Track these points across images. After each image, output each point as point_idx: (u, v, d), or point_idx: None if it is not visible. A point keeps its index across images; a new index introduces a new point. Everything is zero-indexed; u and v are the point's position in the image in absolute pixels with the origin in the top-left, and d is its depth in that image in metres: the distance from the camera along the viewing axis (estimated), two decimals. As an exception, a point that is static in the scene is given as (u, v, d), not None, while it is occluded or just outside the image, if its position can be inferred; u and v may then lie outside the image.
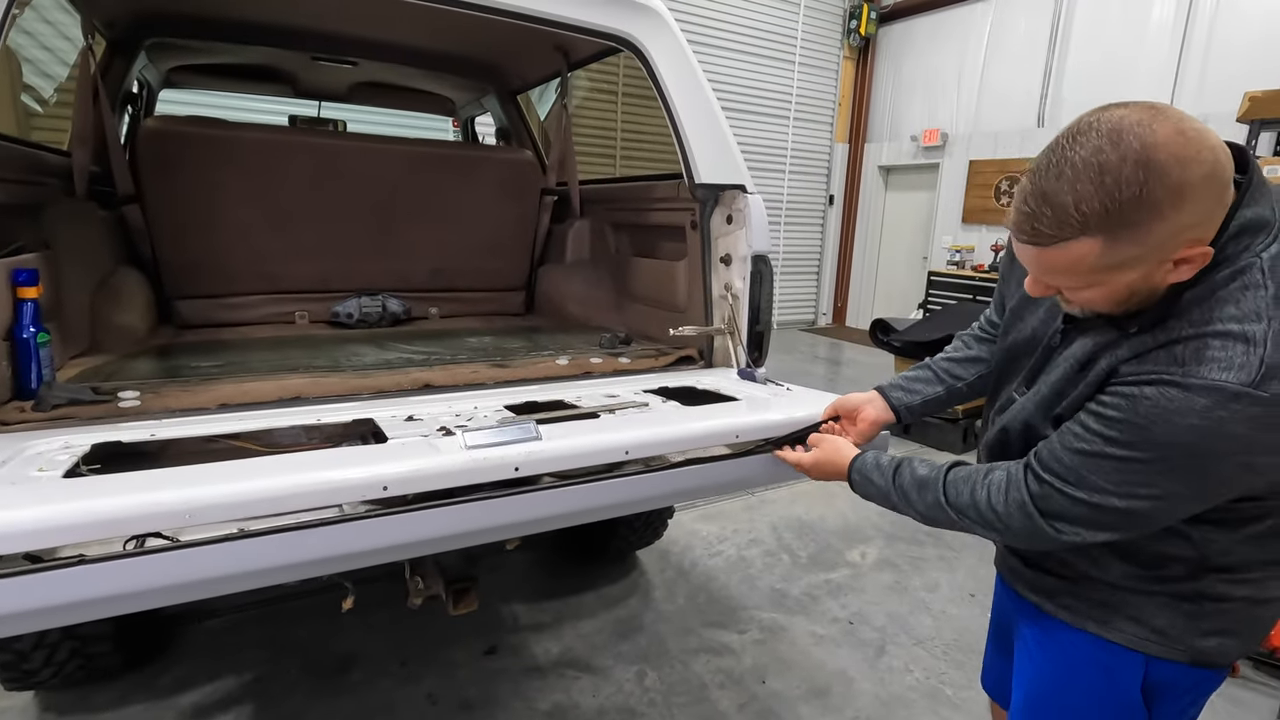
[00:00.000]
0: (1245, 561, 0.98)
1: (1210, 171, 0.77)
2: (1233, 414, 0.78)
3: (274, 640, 2.53)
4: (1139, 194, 0.75)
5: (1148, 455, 0.84)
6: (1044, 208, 0.81)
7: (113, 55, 2.58)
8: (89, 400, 1.51)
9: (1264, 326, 0.78)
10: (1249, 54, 6.06)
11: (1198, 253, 0.80)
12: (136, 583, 1.01)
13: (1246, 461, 0.82)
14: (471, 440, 1.27)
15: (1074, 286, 0.89)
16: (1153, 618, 1.02)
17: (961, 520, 1.07)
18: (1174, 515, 0.92)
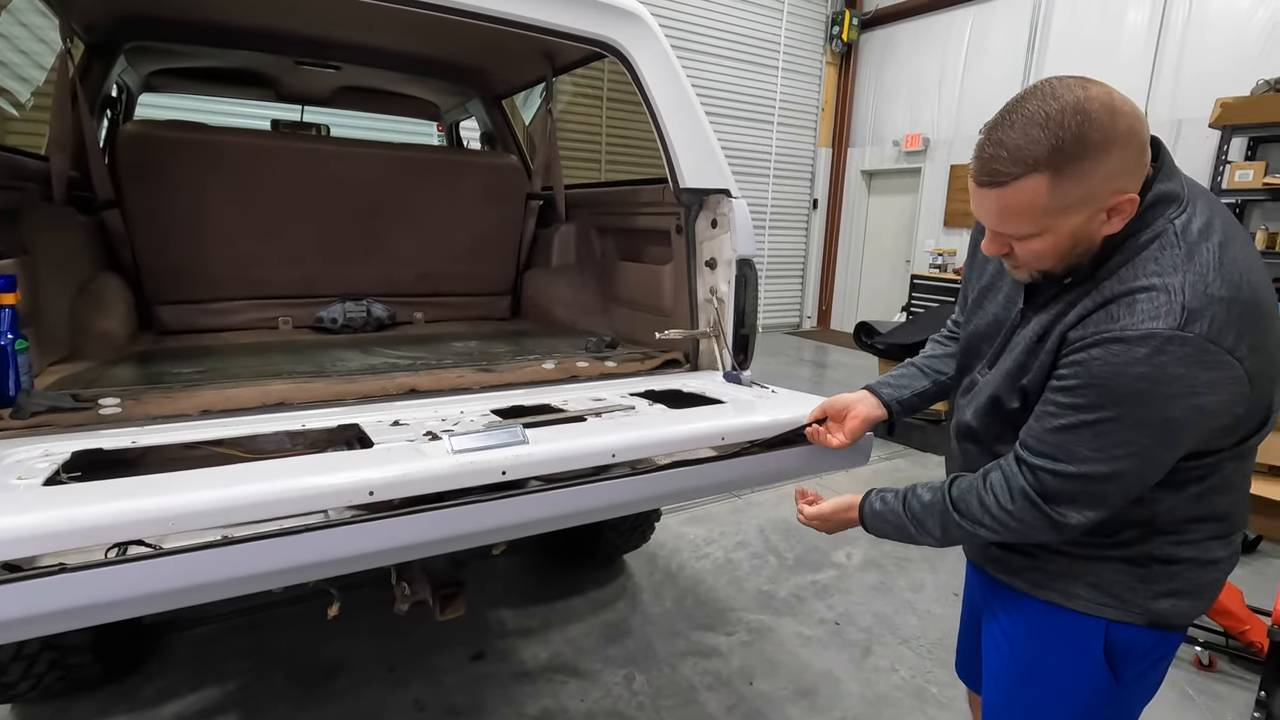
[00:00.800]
0: (1188, 519, 1.06)
1: (1131, 127, 0.90)
2: (1170, 356, 0.89)
3: (259, 649, 2.51)
4: (1078, 133, 0.88)
5: (1114, 412, 0.94)
6: (1000, 150, 0.92)
7: (91, 59, 2.54)
8: (69, 407, 1.49)
9: (1180, 279, 0.91)
10: (1219, 63, 6.19)
11: (1126, 199, 0.92)
12: (119, 591, 1.01)
13: (1195, 403, 0.91)
14: (458, 444, 1.27)
15: (1026, 234, 0.97)
16: (1110, 584, 1.10)
17: (978, 530, 1.11)
18: (1154, 470, 0.98)
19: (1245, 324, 0.90)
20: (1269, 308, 0.95)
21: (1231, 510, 1.09)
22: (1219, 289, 0.90)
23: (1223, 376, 0.90)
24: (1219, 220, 0.98)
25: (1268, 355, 0.94)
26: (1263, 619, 2.49)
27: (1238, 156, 5.81)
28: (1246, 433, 1.01)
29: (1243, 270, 0.93)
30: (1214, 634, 2.64)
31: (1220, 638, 2.62)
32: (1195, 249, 0.93)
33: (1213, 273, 0.91)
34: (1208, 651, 2.55)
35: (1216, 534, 1.09)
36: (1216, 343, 0.88)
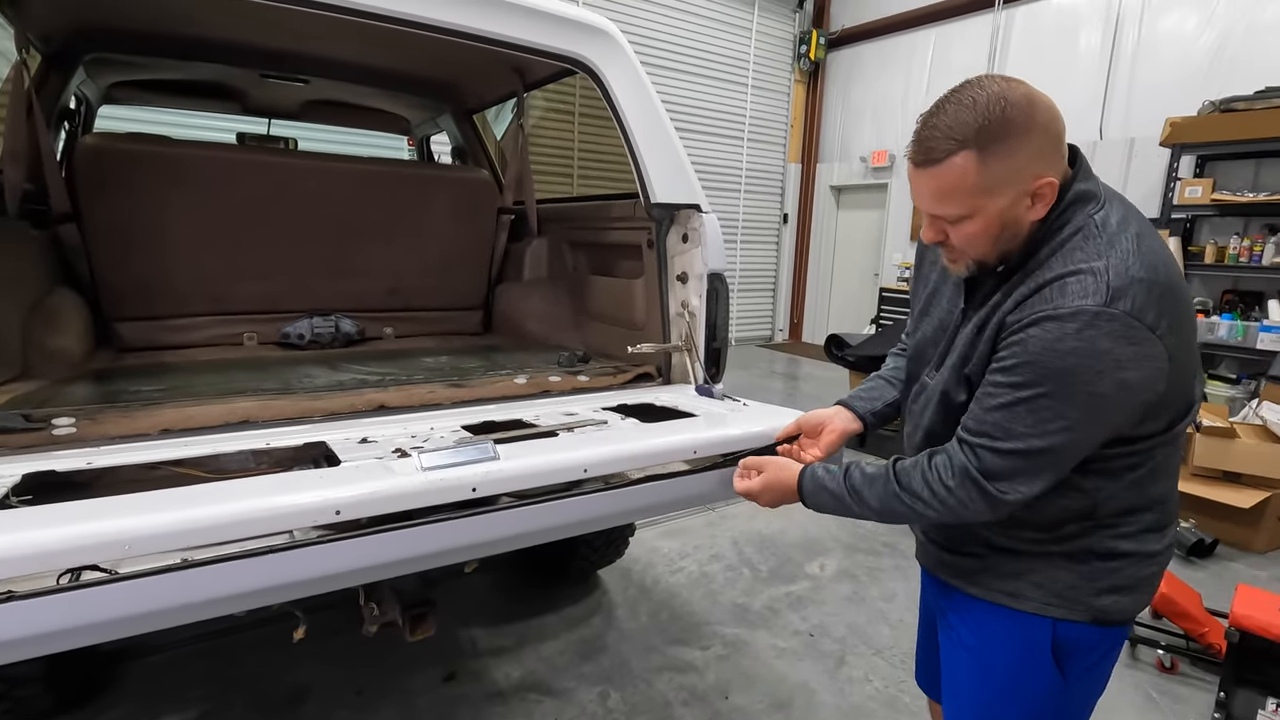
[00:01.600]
0: (1126, 509, 1.12)
1: (1049, 117, 1.02)
2: (1098, 330, 0.96)
3: (219, 675, 2.43)
4: (1002, 116, 0.98)
5: (1048, 388, 1.00)
6: (934, 131, 1.03)
7: (49, 70, 2.48)
8: (19, 428, 1.44)
9: (1104, 263, 0.99)
10: (1169, 83, 6.45)
11: (1046, 183, 1.02)
12: (72, 618, 0.97)
13: (1121, 377, 0.97)
14: (427, 461, 1.25)
15: (959, 214, 1.05)
16: (1054, 583, 1.15)
17: (915, 505, 1.14)
18: (1084, 446, 1.04)
19: (1164, 304, 0.98)
20: (1184, 294, 1.04)
21: (1165, 499, 1.15)
22: (1139, 271, 0.98)
23: (1145, 353, 0.97)
24: (1133, 216, 1.07)
25: (1185, 340, 1.02)
26: (1220, 621, 2.56)
27: (1187, 173, 6.03)
28: (1172, 418, 1.08)
29: (1159, 258, 1.02)
30: (1175, 637, 2.71)
31: (1181, 640, 2.69)
32: (1115, 238, 1.02)
33: (1132, 257, 0.99)
34: (1169, 654, 2.62)
35: (1152, 526, 1.14)
36: (1139, 319, 0.96)
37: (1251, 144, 5.44)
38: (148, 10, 2.30)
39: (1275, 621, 2.22)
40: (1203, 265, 5.89)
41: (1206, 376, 5.84)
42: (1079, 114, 7.11)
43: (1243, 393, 5.60)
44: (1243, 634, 2.26)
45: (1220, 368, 5.96)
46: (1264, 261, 5.55)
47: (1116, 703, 2.44)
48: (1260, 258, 5.57)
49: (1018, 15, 7.68)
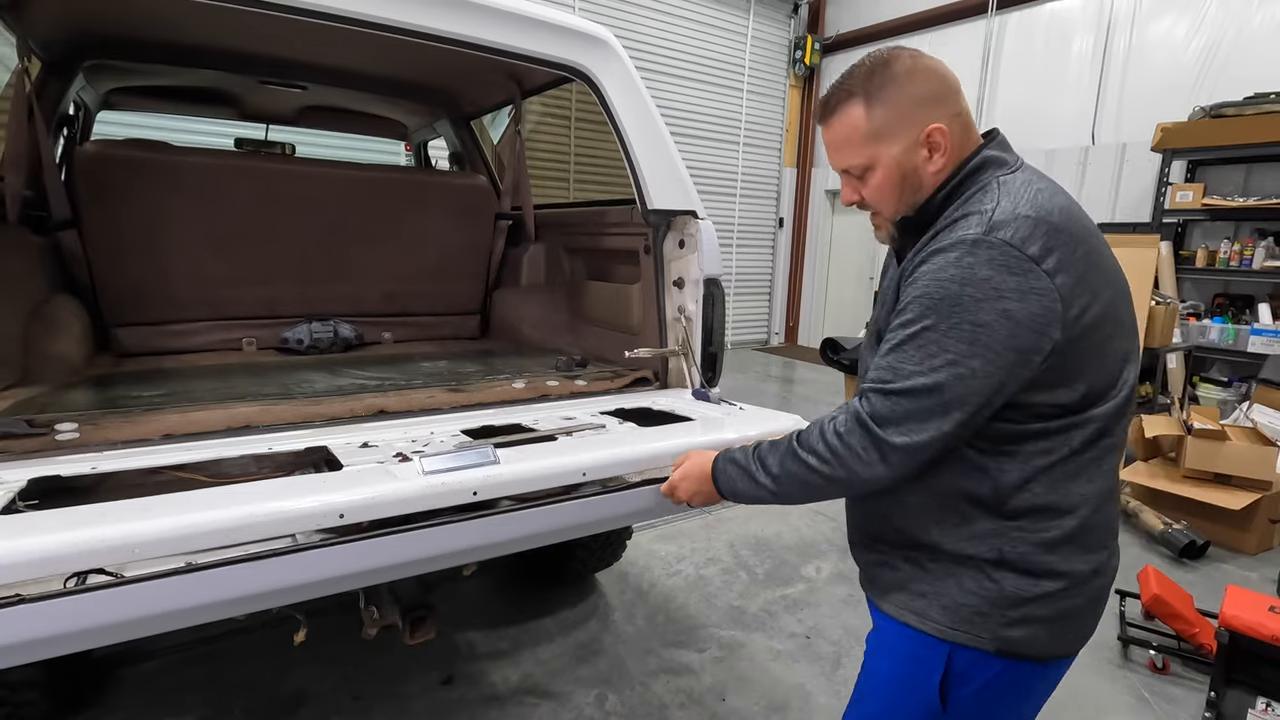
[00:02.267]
0: (1040, 507, 1.03)
1: (935, 69, 1.08)
2: (977, 258, 0.96)
3: (216, 680, 2.43)
4: (884, 66, 1.07)
5: (931, 320, 0.99)
6: (829, 91, 1.12)
7: (48, 76, 2.50)
8: (23, 433, 1.45)
9: (993, 205, 1.01)
10: (1160, 89, 6.51)
11: (936, 129, 1.06)
12: (79, 622, 0.99)
13: (1002, 307, 0.95)
14: (429, 466, 1.27)
15: (860, 165, 1.11)
16: (962, 607, 1.07)
17: (810, 460, 1.10)
18: (977, 389, 0.98)
19: (1053, 240, 0.96)
20: (1089, 244, 1.01)
21: (1093, 508, 1.06)
22: (1026, 209, 0.99)
23: (1027, 285, 0.95)
24: (1050, 186, 1.06)
25: (1091, 291, 0.99)
26: (1211, 622, 2.59)
27: (1178, 178, 6.09)
28: (1087, 391, 1.01)
29: (1057, 205, 1.01)
30: (1167, 638, 2.74)
31: (1173, 641, 2.72)
32: (1015, 191, 1.02)
33: (1024, 201, 1.00)
34: (1161, 655, 2.64)
35: (1076, 537, 1.05)
36: (1019, 249, 0.95)
37: (1242, 149, 5.50)
38: (147, 18, 2.31)
39: (1264, 622, 2.25)
40: (1194, 269, 5.94)
41: (1199, 379, 5.90)
42: (1071, 119, 7.18)
43: (1234, 395, 5.65)
44: (1232, 634, 2.29)
45: (1212, 371, 6.02)
46: (1254, 265, 5.60)
47: (1109, 703, 2.46)
48: (1251, 262, 5.63)
49: (1011, 21, 7.75)
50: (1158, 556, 3.63)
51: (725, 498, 1.28)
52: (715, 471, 1.27)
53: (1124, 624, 2.87)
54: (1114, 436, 1.07)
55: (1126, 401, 1.07)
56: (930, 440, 1.01)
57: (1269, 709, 2.25)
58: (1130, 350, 1.08)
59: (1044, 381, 1.00)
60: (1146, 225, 5.93)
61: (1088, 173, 7.04)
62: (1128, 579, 3.30)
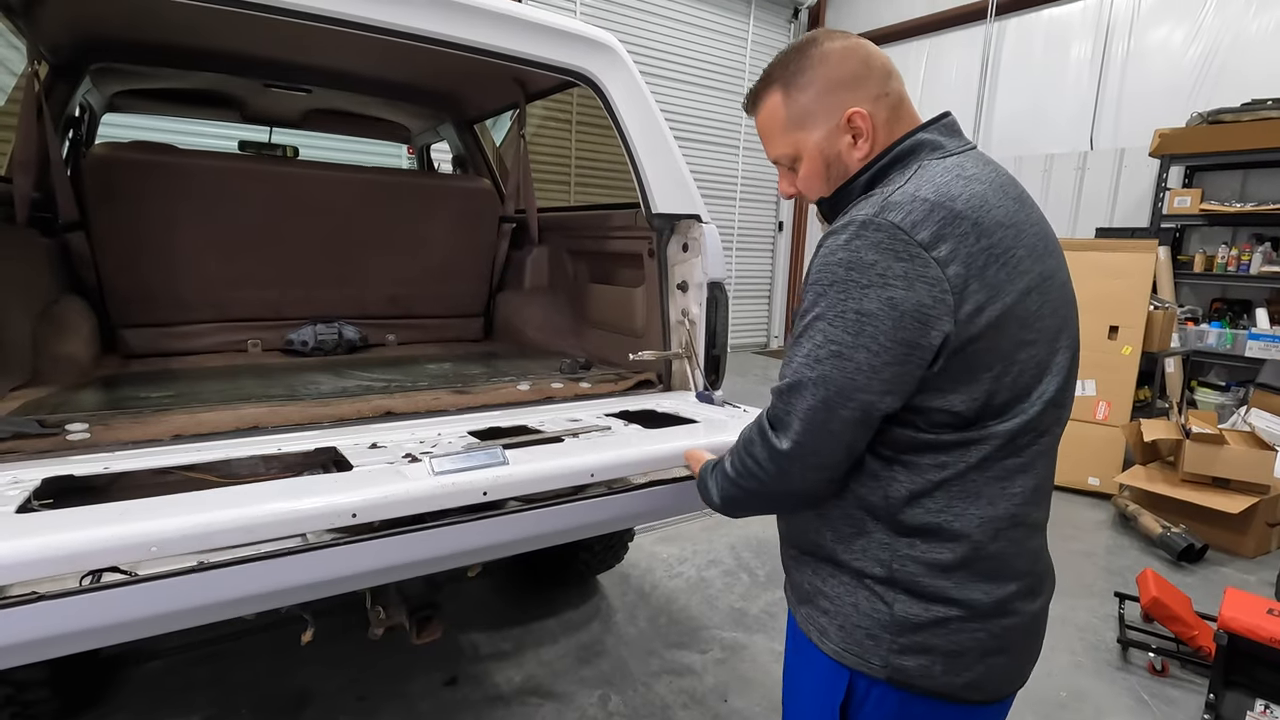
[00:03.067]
0: (933, 527, 0.96)
1: (856, 52, 1.04)
2: (864, 241, 0.90)
3: (222, 680, 2.44)
4: (800, 52, 1.06)
5: (820, 308, 0.93)
6: (754, 84, 1.11)
7: (56, 79, 2.51)
8: (35, 433, 1.46)
9: (896, 187, 0.95)
10: (1158, 95, 6.55)
11: (855, 113, 1.02)
12: (94, 619, 1.00)
13: (888, 294, 0.88)
14: (439, 466, 1.28)
15: (787, 155, 1.10)
16: (856, 628, 1.02)
17: (732, 473, 1.08)
18: (863, 386, 0.91)
19: (948, 226, 0.89)
20: (1002, 234, 0.92)
21: (984, 536, 0.96)
22: (928, 193, 0.91)
23: (915, 271, 0.87)
24: (981, 174, 0.96)
25: (988, 284, 0.90)
26: (1210, 625, 2.61)
27: (1176, 184, 6.12)
28: (987, 399, 0.93)
29: (974, 194, 0.92)
30: (1166, 640, 2.75)
31: (1172, 644, 2.73)
32: (930, 175, 0.94)
33: (929, 185, 0.92)
34: (1160, 658, 2.66)
35: (970, 563, 0.96)
36: (908, 233, 0.88)
37: (1239, 155, 5.53)
38: (155, 22, 2.33)
39: (1263, 624, 2.27)
40: (1192, 274, 5.97)
41: (1197, 383, 5.92)
42: (1070, 124, 7.21)
43: (1232, 400, 5.68)
44: (1231, 637, 2.30)
45: (1210, 375, 6.05)
46: (1252, 270, 5.63)
47: (1108, 705, 2.48)
48: (1248, 267, 5.66)
49: (1010, 26, 7.78)
50: (1156, 560, 3.65)
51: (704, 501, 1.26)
52: (699, 484, 1.24)
53: (1123, 626, 2.88)
54: (1023, 456, 0.97)
55: (1041, 418, 0.97)
56: (819, 443, 0.95)
57: (1267, 711, 2.26)
58: (1052, 362, 0.98)
59: (937, 384, 0.92)
60: (1145, 230, 5.96)
61: (1086, 177, 7.07)
62: (1127, 582, 3.32)
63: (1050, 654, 2.74)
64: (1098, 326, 4.58)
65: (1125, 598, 3.03)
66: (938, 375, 0.91)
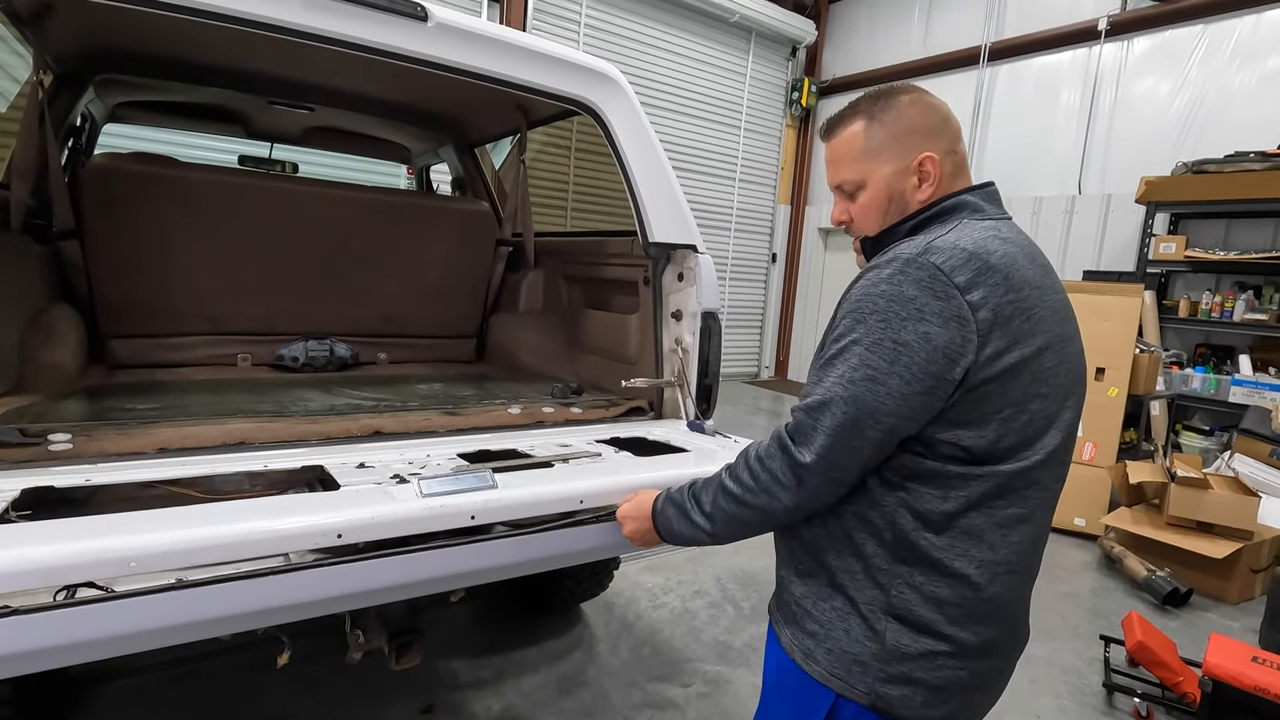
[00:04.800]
0: (933, 561, 1.00)
1: (936, 105, 1.13)
2: (907, 277, 0.97)
3: (192, 701, 2.38)
4: (889, 92, 1.14)
5: (858, 333, 0.99)
6: (838, 112, 1.19)
7: (60, 88, 2.53)
8: (16, 442, 1.44)
9: (934, 236, 1.02)
10: (1144, 143, 6.72)
11: (927, 157, 1.09)
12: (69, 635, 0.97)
13: (924, 329, 0.95)
14: (427, 488, 1.27)
15: (853, 181, 1.15)
16: (845, 653, 1.05)
17: (734, 487, 1.09)
18: (890, 411, 0.96)
19: (982, 275, 0.96)
20: (1028, 292, 1.00)
21: (985, 578, 1.01)
22: (967, 244, 0.99)
23: (949, 310, 0.94)
24: (1015, 239, 1.06)
25: (1011, 333, 0.97)
26: (1195, 670, 2.59)
27: (1161, 230, 6.25)
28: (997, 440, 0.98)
29: (1004, 250, 1.00)
30: (1151, 685, 2.74)
31: (1157, 689, 2.72)
32: (969, 231, 1.02)
33: (968, 238, 1.00)
34: (1145, 703, 2.64)
35: (966, 602, 1.01)
36: (947, 276, 0.95)
37: (1222, 204, 5.66)
38: (162, 36, 2.35)
39: (1247, 672, 2.26)
40: (1177, 319, 6.07)
41: (1182, 427, 5.98)
42: (1059, 169, 7.37)
43: (1216, 444, 5.73)
44: (1216, 683, 2.30)
45: (1194, 419, 6.10)
46: (1235, 317, 5.73)
47: (1094, 750, 2.45)
48: (1231, 314, 5.75)
49: (1001, 72, 7.99)
50: (1141, 603, 3.65)
51: (664, 539, 1.25)
52: (655, 513, 1.25)
53: (1108, 670, 2.87)
54: (1025, 508, 1.02)
55: (1042, 469, 1.02)
56: (841, 458, 0.99)
57: (1252, 760, 2.25)
58: (1059, 417, 1.04)
59: (949, 417, 0.98)
60: (1131, 274, 6.06)
61: (1074, 221, 7.21)
62: (1112, 625, 3.31)
63: (1036, 697, 2.71)
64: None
65: (1110, 641, 3.02)
66: (952, 409, 0.98)
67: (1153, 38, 6.75)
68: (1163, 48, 6.68)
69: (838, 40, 9.95)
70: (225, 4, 1.54)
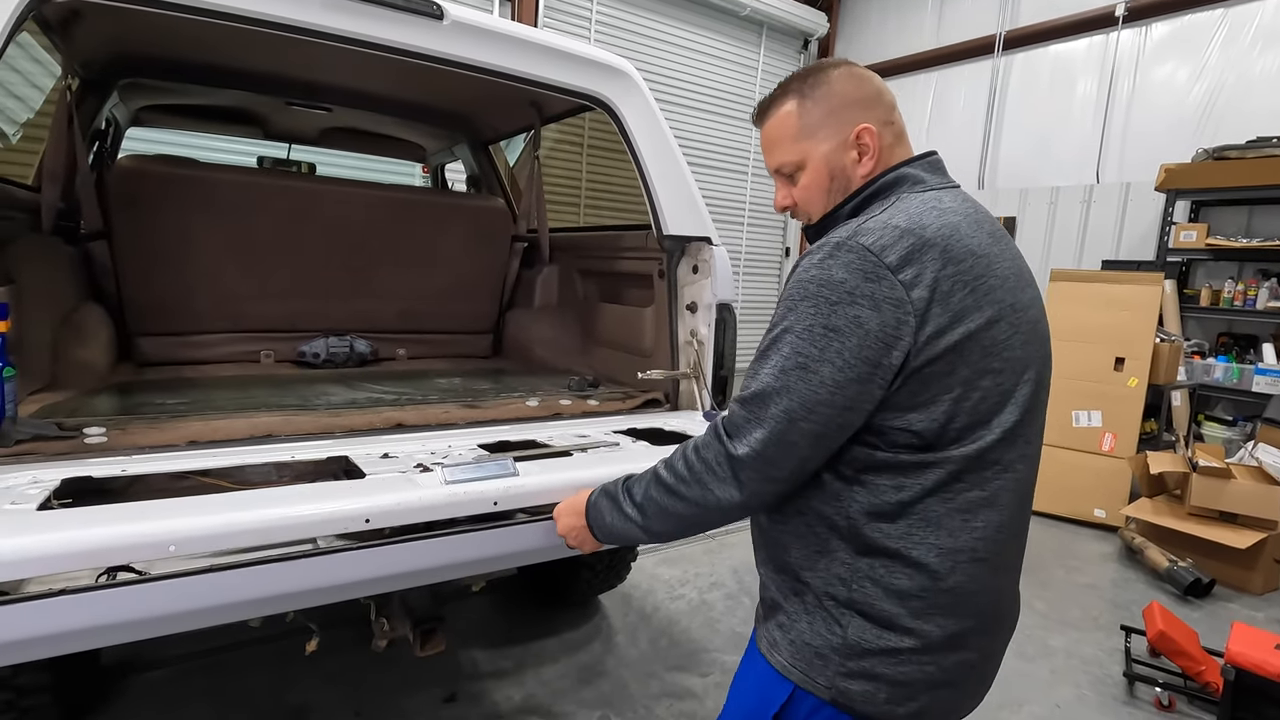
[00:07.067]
0: (893, 551, 0.97)
1: (867, 76, 1.10)
2: (837, 260, 0.94)
3: (221, 691, 2.43)
4: (817, 68, 1.11)
5: (789, 321, 0.97)
6: (769, 95, 1.16)
7: (86, 93, 2.58)
8: (54, 436, 1.49)
9: (868, 217, 0.99)
10: (1163, 131, 6.62)
11: (864, 129, 1.06)
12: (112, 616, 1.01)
13: (855, 313, 0.91)
14: (450, 476, 1.30)
15: (791, 163, 1.12)
16: (808, 645, 1.02)
17: (671, 481, 1.06)
18: (824, 402, 0.93)
19: (916, 252, 0.92)
20: (971, 263, 0.95)
21: (945, 567, 0.97)
22: (900, 220, 0.96)
23: (882, 293, 0.91)
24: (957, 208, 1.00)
25: (952, 309, 0.93)
26: (1217, 660, 2.58)
27: (1181, 218, 6.16)
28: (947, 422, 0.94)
29: (947, 224, 0.96)
30: (1173, 675, 2.72)
31: (1179, 679, 2.70)
32: (906, 206, 0.99)
33: (903, 214, 0.97)
34: (1167, 692, 2.62)
35: (928, 594, 0.97)
36: (877, 255, 0.92)
37: (1244, 191, 5.57)
38: (184, 41, 2.40)
39: (1271, 659, 2.25)
40: (1198, 308, 5.99)
41: (1204, 417, 5.90)
42: (1076, 158, 7.28)
43: (1239, 434, 5.65)
44: (1239, 672, 2.28)
45: (1216, 409, 6.03)
46: (1258, 306, 5.65)
47: (1115, 739, 2.45)
48: (1254, 302, 5.67)
49: (1016, 61, 7.90)
50: (1163, 593, 3.62)
51: (598, 537, 1.20)
52: (588, 506, 1.19)
53: (1129, 660, 2.85)
54: (985, 490, 0.98)
55: (1001, 448, 0.98)
56: (776, 454, 0.96)
57: (1276, 749, 2.23)
58: (1015, 392, 0.98)
59: (897, 403, 0.95)
60: (1151, 263, 5.99)
61: (1092, 210, 7.13)
62: (1133, 615, 3.29)
63: (1055, 686, 2.71)
64: (1104, 358, 4.59)
65: (1131, 631, 3.00)
66: (897, 393, 0.94)
67: (1171, 23, 6.65)
68: (1181, 33, 6.58)
69: (849, 32, 9.89)
70: (246, 6, 1.58)
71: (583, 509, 1.21)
